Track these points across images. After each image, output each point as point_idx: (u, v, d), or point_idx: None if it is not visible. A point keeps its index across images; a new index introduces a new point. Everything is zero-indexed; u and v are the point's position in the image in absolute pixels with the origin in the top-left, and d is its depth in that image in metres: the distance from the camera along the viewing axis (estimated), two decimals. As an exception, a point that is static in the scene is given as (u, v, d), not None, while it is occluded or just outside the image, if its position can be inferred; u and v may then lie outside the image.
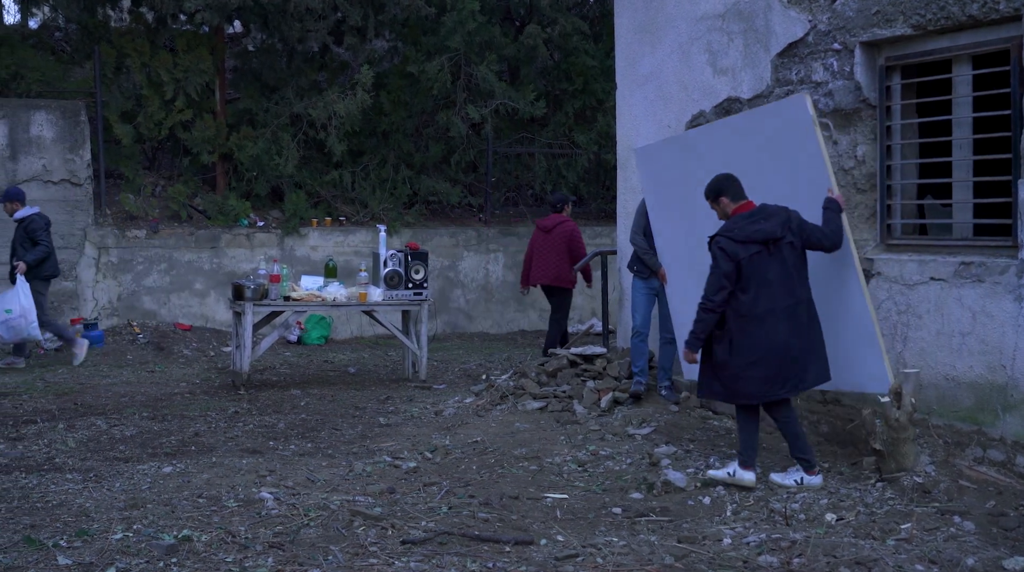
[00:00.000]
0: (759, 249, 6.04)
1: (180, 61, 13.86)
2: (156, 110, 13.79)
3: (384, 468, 6.98)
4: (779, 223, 6.09)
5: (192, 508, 5.91)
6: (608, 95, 15.07)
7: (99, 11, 14.55)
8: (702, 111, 8.33)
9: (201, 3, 13.06)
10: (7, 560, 4.93)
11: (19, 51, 13.80)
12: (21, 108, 12.79)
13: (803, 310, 6.12)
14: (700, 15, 8.34)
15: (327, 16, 13.91)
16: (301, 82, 14.63)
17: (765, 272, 6.03)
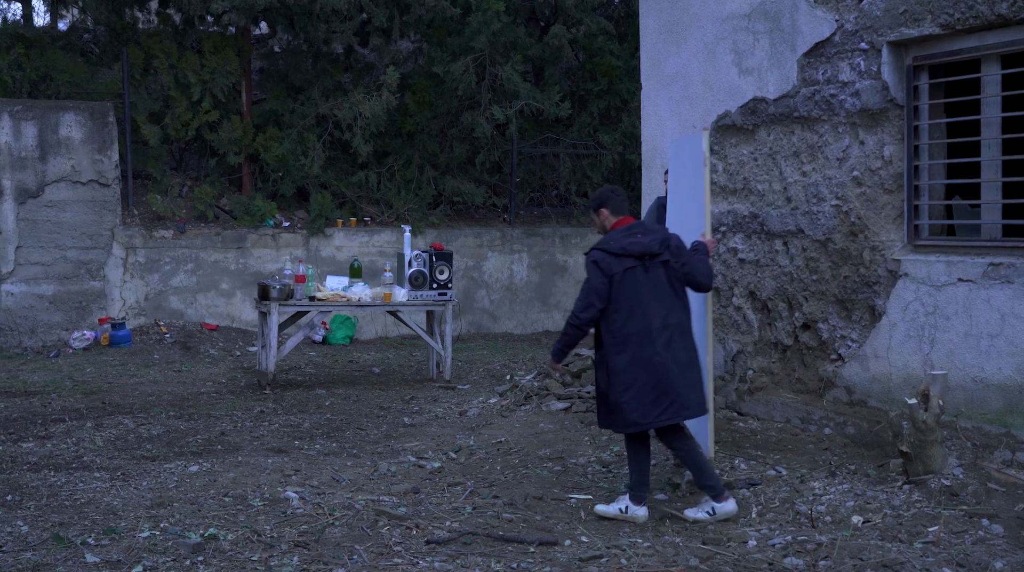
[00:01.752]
0: (634, 264, 5.72)
1: (207, 62, 13.95)
2: (183, 111, 13.89)
3: (409, 468, 7.00)
4: (657, 240, 5.80)
5: (218, 507, 5.95)
6: (633, 95, 15.05)
7: (127, 13, 14.67)
8: (727, 111, 8.30)
9: (228, 4, 13.15)
10: (36, 557, 4.97)
11: (48, 53, 13.94)
12: (50, 110, 12.91)
13: (682, 331, 5.82)
14: (726, 15, 8.30)
15: (353, 17, 13.97)
16: (327, 83, 14.70)
17: (638, 289, 5.71)
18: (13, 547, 5.16)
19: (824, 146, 7.42)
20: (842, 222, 7.29)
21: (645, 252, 5.73)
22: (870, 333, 7.12)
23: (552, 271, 15.19)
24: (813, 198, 7.52)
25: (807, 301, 7.61)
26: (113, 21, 14.53)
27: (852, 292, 7.24)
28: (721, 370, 8.48)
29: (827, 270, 7.43)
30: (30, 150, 12.72)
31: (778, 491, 6.15)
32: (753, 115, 8.04)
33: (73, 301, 12.83)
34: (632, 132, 15.01)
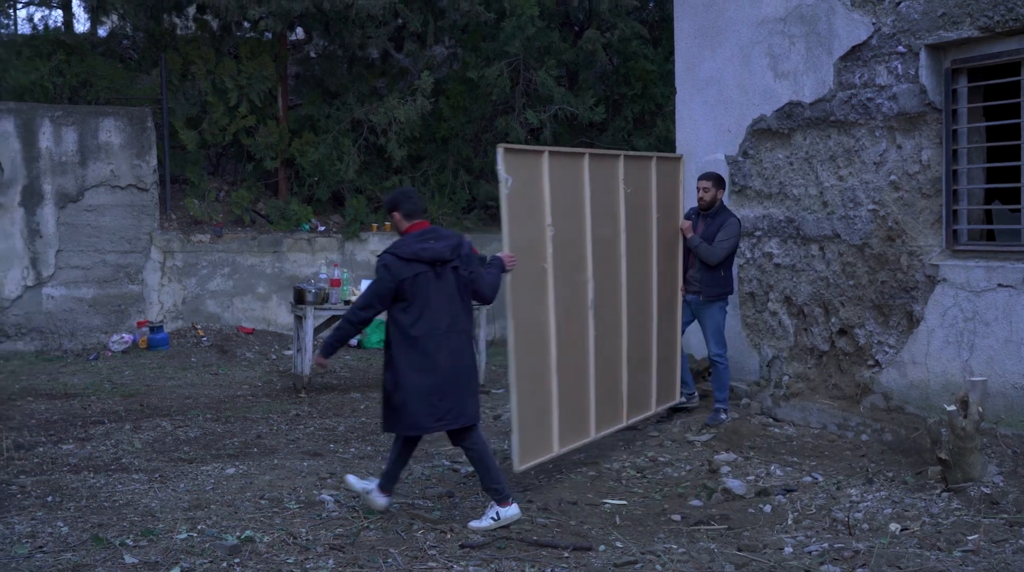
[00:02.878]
0: (425, 269, 5.72)
1: (244, 68, 14.07)
2: (220, 116, 14.01)
3: (443, 472, 7.02)
4: (449, 246, 5.79)
5: (254, 509, 5.99)
6: (667, 99, 15.01)
7: (165, 19, 14.83)
8: (763, 115, 8.27)
9: (265, 10, 13.25)
10: (76, 558, 5.03)
11: (88, 59, 14.12)
12: (90, 115, 13.07)
13: (463, 339, 5.82)
14: (761, 19, 8.27)
15: (388, 22, 14.04)
16: (362, 88, 14.77)
17: (427, 293, 5.72)
18: (53, 547, 5.22)
19: (861, 150, 7.37)
20: (879, 227, 7.23)
21: (436, 258, 5.74)
22: (908, 339, 7.06)
23: (586, 275, 15.15)
24: (850, 203, 7.47)
25: (843, 306, 7.55)
26: (152, 27, 14.69)
27: (889, 297, 7.18)
28: (756, 375, 8.43)
29: (864, 275, 7.38)
30: (70, 155, 12.88)
31: (814, 498, 6.11)
32: (789, 119, 8.00)
33: (112, 304, 12.98)
34: (666, 136, 14.95)
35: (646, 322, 7.61)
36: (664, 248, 7.81)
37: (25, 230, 12.64)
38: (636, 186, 7.43)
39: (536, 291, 6.41)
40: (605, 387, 7.02)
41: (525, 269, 6.28)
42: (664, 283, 7.83)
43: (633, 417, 7.43)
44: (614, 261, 7.16)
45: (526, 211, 6.34)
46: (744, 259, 8.57)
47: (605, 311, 7.03)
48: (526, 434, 6.21)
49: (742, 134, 8.51)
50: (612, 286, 7.14)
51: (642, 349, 7.55)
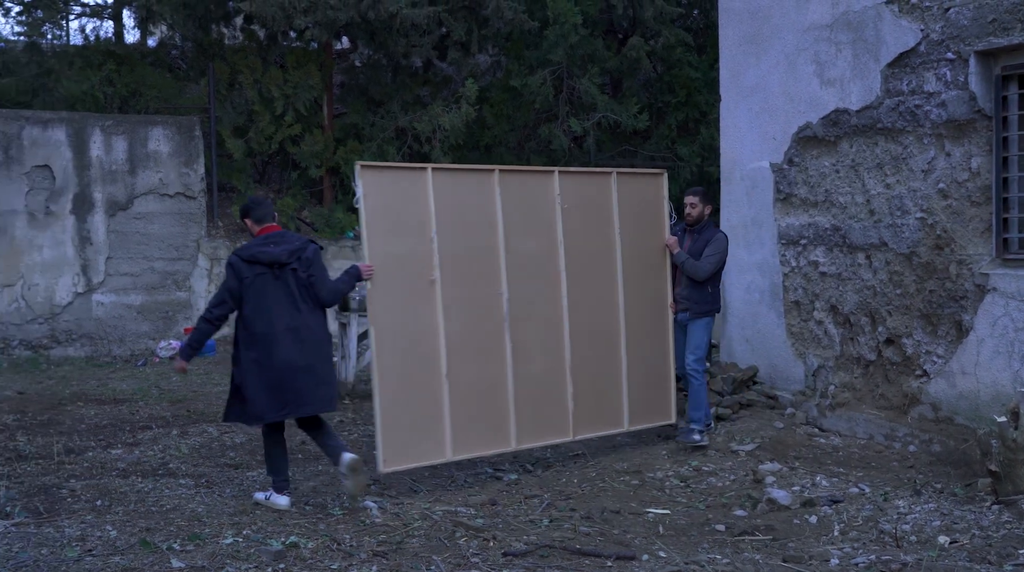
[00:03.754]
0: (264, 270, 6.13)
1: (290, 77, 14.22)
2: (267, 125, 14.16)
3: (485, 480, 7.02)
4: (288, 250, 6.19)
5: (299, 515, 6.04)
6: (712, 107, 14.95)
7: (213, 29, 15.04)
8: (808, 123, 8.20)
9: (311, 20, 13.39)
10: (124, 561, 5.10)
11: (138, 69, 14.35)
12: (140, 124, 13.27)
13: (306, 334, 6.16)
14: (807, 25, 8.21)
15: (432, 31, 14.12)
16: (406, 96, 14.87)
17: (266, 293, 6.12)
18: (102, 551, 5.30)
19: (909, 158, 7.29)
20: (927, 235, 7.15)
21: (273, 260, 6.17)
22: (957, 349, 6.97)
23: (629, 283, 15.11)
24: (897, 211, 7.39)
25: (891, 316, 7.47)
26: (200, 37, 14.90)
27: (938, 307, 7.09)
28: (801, 385, 8.36)
29: (912, 284, 7.29)
30: (120, 164, 13.09)
31: (861, 509, 6.04)
32: (835, 126, 7.93)
33: (160, 311, 13.15)
34: (711, 144, 14.90)
35: (607, 338, 7.51)
36: (642, 265, 7.70)
37: (76, 237, 12.86)
38: (596, 203, 7.48)
39: (421, 301, 6.66)
40: (534, 399, 7.09)
41: (401, 279, 6.59)
42: (643, 300, 7.69)
43: (586, 432, 7.40)
44: (547, 276, 7.23)
45: (403, 225, 6.63)
46: (789, 268, 8.50)
47: (532, 325, 7.11)
48: (392, 437, 6.47)
49: (787, 142, 8.45)
50: (545, 300, 7.20)
51: (599, 365, 7.46)
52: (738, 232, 9.14)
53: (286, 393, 6.12)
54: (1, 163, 12.59)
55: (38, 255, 12.71)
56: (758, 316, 8.90)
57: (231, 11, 14.91)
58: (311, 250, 6.31)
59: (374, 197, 6.54)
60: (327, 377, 6.27)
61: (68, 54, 14.75)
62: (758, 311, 8.90)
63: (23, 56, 14.76)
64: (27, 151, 12.69)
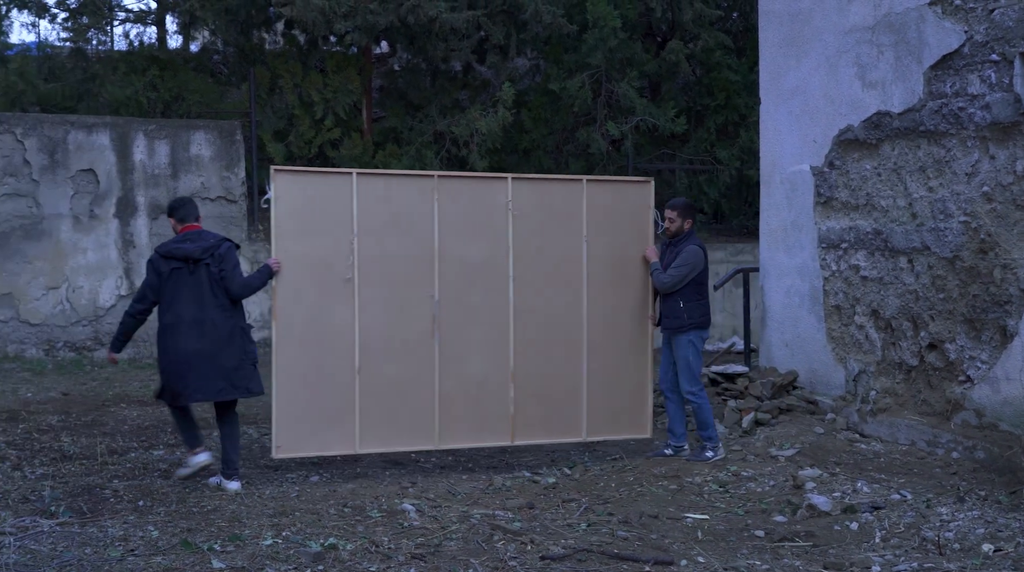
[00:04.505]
0: (179, 265, 6.66)
1: (330, 82, 14.33)
2: (306, 129, 14.27)
3: (523, 483, 7.03)
4: (202, 247, 6.69)
5: (338, 517, 6.07)
6: (751, 110, 14.87)
7: (255, 34, 15.19)
8: (849, 126, 8.14)
9: (351, 25, 13.48)
10: (166, 562, 5.16)
11: (181, 74, 14.52)
12: (182, 128, 13.42)
13: (209, 327, 6.64)
14: (848, 27, 8.15)
15: (470, 35, 14.17)
16: (444, 100, 14.92)
17: (179, 287, 6.66)
18: (144, 551, 5.36)
19: (952, 161, 7.21)
20: (971, 239, 7.06)
21: (187, 256, 6.68)
22: (1001, 354, 6.88)
23: (667, 287, 15.06)
24: (940, 214, 7.31)
25: (933, 320, 7.39)
26: (241, 43, 15.05)
27: (982, 311, 7.00)
28: (842, 390, 8.29)
29: (955, 289, 7.21)
30: (162, 168, 13.24)
31: (903, 516, 5.97)
32: (877, 129, 7.86)
33: (201, 313, 13.29)
34: (750, 147, 14.81)
35: (566, 346, 7.52)
36: (619, 274, 7.65)
37: (119, 241, 13.03)
38: (561, 210, 7.52)
39: (336, 299, 7.03)
40: (467, 401, 7.27)
41: (312, 277, 6.99)
42: (619, 310, 7.64)
43: (530, 438, 7.48)
44: (493, 281, 7.35)
45: (317, 226, 7.01)
46: (830, 272, 8.43)
47: (471, 328, 7.29)
48: (287, 426, 6.95)
49: (828, 144, 8.39)
50: (489, 305, 7.34)
51: (554, 372, 7.48)
52: (777, 236, 9.08)
53: (185, 380, 6.64)
54: (47, 167, 12.79)
55: (82, 258, 12.90)
56: (798, 320, 8.83)
57: (272, 16, 15.04)
58: (224, 247, 6.78)
59: (286, 199, 6.97)
60: (229, 368, 6.69)
61: (112, 60, 14.95)
62: (798, 315, 8.83)
63: (68, 62, 14.98)
64: (72, 155, 12.88)
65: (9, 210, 12.67)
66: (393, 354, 7.15)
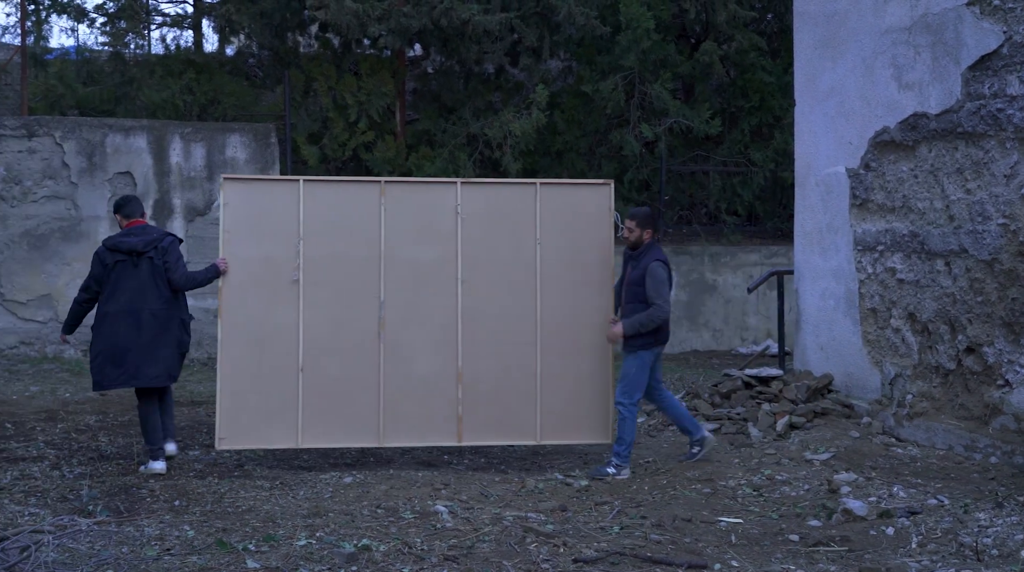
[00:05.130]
0: (123, 258, 7.14)
1: (364, 84, 14.39)
2: (340, 132, 14.34)
3: (556, 485, 7.02)
4: (145, 241, 7.19)
5: (371, 518, 6.10)
6: (786, 112, 14.78)
7: (289, 38, 15.28)
8: (886, 127, 8.07)
9: (384, 28, 13.54)
10: (201, 561, 5.20)
11: (216, 78, 14.64)
12: (217, 131, 13.54)
13: (147, 317, 7.10)
14: (885, 28, 8.08)
15: (504, 38, 14.18)
16: (477, 102, 14.94)
17: (122, 278, 7.12)
18: (180, 550, 5.41)
19: (990, 162, 7.13)
20: (1010, 242, 6.98)
21: (131, 249, 7.17)
22: (1040, 358, 6.79)
23: (701, 290, 15.01)
24: (978, 216, 7.23)
25: (971, 324, 7.31)
26: (276, 46, 15.16)
27: (1021, 315, 6.92)
28: (878, 393, 8.22)
29: (993, 292, 7.12)
30: (198, 170, 13.36)
31: (940, 521, 5.91)
32: (913, 131, 7.79)
33: (235, 315, 13.39)
34: (785, 149, 14.72)
35: (519, 349, 7.57)
36: (577, 278, 7.63)
37: (155, 243, 13.15)
38: (512, 214, 7.63)
39: (281, 300, 7.40)
40: (414, 401, 7.46)
41: (259, 279, 7.39)
42: (577, 314, 7.60)
43: (479, 440, 7.57)
44: (442, 284, 7.54)
45: (265, 230, 7.43)
46: (865, 274, 8.36)
47: (418, 330, 7.50)
48: (230, 419, 7.29)
49: (864, 146, 8.32)
50: (437, 307, 7.53)
51: (505, 374, 7.55)
52: (812, 238, 9.02)
53: (121, 366, 7.08)
54: (85, 170, 12.95)
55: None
56: (833, 323, 8.76)
57: (306, 20, 15.13)
58: (167, 241, 7.30)
59: (235, 206, 7.43)
60: (163, 356, 7.16)
61: (150, 63, 15.11)
62: (833, 318, 8.77)
63: (107, 66, 15.15)
64: (110, 158, 13.03)
65: (48, 212, 12.83)
66: (338, 353, 7.42)
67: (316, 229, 7.46)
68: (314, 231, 7.45)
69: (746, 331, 15.11)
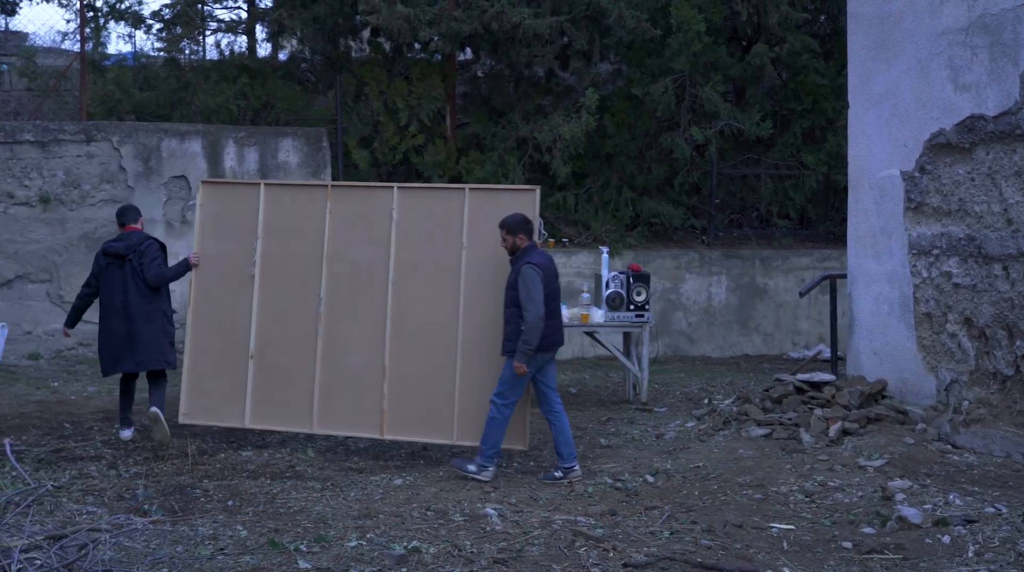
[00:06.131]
0: (112, 261, 8.23)
1: (414, 88, 14.46)
2: (391, 136, 14.42)
3: (605, 489, 7.01)
4: (127, 245, 8.25)
5: (421, 520, 6.13)
6: (839, 114, 14.61)
7: (341, 43, 15.40)
8: (942, 129, 7.95)
9: (435, 32, 13.60)
10: (254, 561, 5.26)
11: (269, 83, 14.79)
12: (270, 136, 13.69)
13: (133, 311, 8.13)
14: (941, 29, 7.97)
15: (554, 41, 14.17)
16: (527, 106, 14.94)
17: (111, 278, 8.22)
18: (233, 550, 5.48)
19: (1050, 165, 7.00)
20: (1070, 246, 6.84)
21: (116, 253, 8.25)
22: (1102, 365, 6.65)
23: (752, 294, 14.89)
24: (1037, 220, 7.10)
25: (1030, 329, 7.17)
26: (329, 51, 15.28)
27: (1081, 321, 6.78)
28: (933, 400, 8.10)
29: (1053, 297, 6.99)
30: (251, 174, 13.52)
31: (998, 530, 5.81)
32: (970, 133, 7.67)
33: (287, 317, 13.52)
34: (837, 152, 14.55)
35: (441, 350, 7.76)
36: (495, 283, 7.64)
37: (209, 245, 13.32)
38: (443, 218, 7.92)
39: (238, 291, 8.19)
40: (346, 392, 7.91)
41: (223, 274, 8.23)
42: (494, 319, 7.58)
43: (400, 435, 7.86)
44: (375, 283, 7.94)
45: (231, 230, 8.26)
46: (920, 279, 8.25)
47: (353, 325, 7.96)
48: (192, 398, 8.20)
49: (919, 149, 8.21)
50: (370, 305, 7.93)
51: (427, 373, 7.76)
52: (866, 242, 8.91)
53: (117, 354, 8.18)
54: (141, 174, 13.16)
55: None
56: (887, 328, 8.65)
57: (358, 25, 15.24)
58: (145, 244, 8.28)
59: (208, 206, 8.35)
60: (148, 344, 8.14)
61: (204, 69, 15.30)
62: (887, 323, 8.65)
63: (163, 71, 15.36)
64: (165, 162, 13.23)
65: (105, 215, 13.06)
66: (283, 344, 8.06)
67: (272, 229, 8.18)
68: (270, 231, 8.18)
69: (798, 335, 14.96)
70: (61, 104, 14.66)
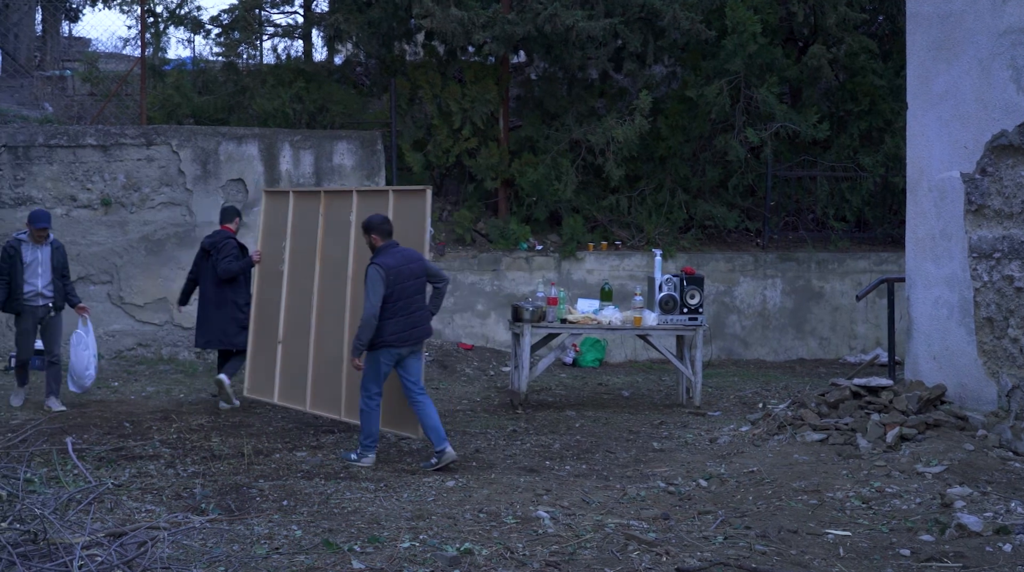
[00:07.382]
0: (203, 254, 9.91)
1: (467, 91, 14.51)
2: (444, 139, 14.49)
3: (658, 493, 6.97)
4: (211, 242, 9.89)
5: (473, 522, 6.15)
6: (897, 115, 14.41)
7: (396, 46, 15.50)
8: (1003, 130, 7.81)
9: (489, 35, 13.64)
10: (309, 560, 5.32)
11: (325, 86, 14.93)
12: (325, 139, 13.82)
13: (215, 297, 9.84)
14: (1003, 29, 7.83)
15: (607, 43, 14.14)
16: (580, 109, 14.93)
17: (203, 270, 9.94)
18: (288, 550, 5.54)
19: (1116, 167, 6.84)
20: None
21: (204, 249, 9.96)
22: None
23: (807, 297, 14.74)
24: (1103, 223, 6.94)
25: (1095, 335, 7.02)
26: (383, 54, 15.39)
27: None
28: (994, 405, 7.96)
29: (1119, 301, 6.83)
30: (307, 177, 13.66)
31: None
32: (1033, 134, 7.53)
33: (341, 319, 13.63)
34: (896, 154, 14.36)
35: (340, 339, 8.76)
36: None
37: (265, 248, 13.48)
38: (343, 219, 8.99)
39: (273, 284, 9.66)
40: (324, 376, 8.94)
41: (267, 268, 9.77)
42: None
43: (351, 417, 8.60)
44: (342, 278, 8.89)
45: (275, 231, 9.77)
46: (981, 282, 8.10)
47: (330, 316, 8.96)
48: (255, 376, 9.71)
49: (980, 150, 8.07)
50: (339, 299, 8.86)
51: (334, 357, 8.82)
52: (925, 244, 8.78)
53: (201, 333, 9.92)
54: (199, 177, 13.35)
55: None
56: (946, 332, 8.51)
57: (413, 28, 15.32)
58: (222, 242, 9.82)
59: (268, 211, 9.97)
60: (219, 327, 9.79)
61: (261, 73, 15.48)
62: (946, 327, 8.51)
63: (221, 75, 15.58)
64: (223, 165, 13.42)
65: (164, 218, 13.28)
66: (298, 331, 9.24)
67: (301, 229, 9.47)
68: (300, 231, 9.48)
69: (854, 340, 14.78)
70: (122, 108, 14.92)
